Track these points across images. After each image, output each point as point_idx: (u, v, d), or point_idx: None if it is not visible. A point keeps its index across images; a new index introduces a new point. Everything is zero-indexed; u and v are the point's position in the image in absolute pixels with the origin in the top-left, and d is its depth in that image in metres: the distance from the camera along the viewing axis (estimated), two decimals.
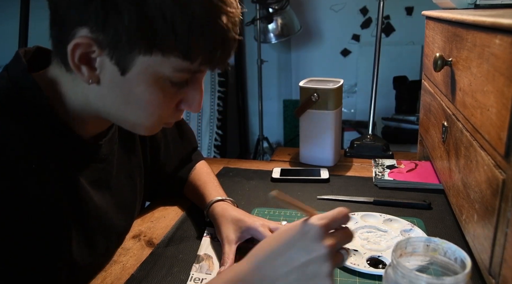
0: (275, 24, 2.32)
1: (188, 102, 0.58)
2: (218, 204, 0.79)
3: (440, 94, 0.85)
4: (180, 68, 0.52)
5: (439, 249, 0.47)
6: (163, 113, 0.57)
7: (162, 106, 0.56)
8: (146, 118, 0.57)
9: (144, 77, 0.52)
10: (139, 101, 0.54)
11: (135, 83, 0.52)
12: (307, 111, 1.08)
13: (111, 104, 0.56)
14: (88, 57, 0.51)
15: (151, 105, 0.55)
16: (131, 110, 0.56)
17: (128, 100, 0.54)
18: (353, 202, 0.90)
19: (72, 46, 0.50)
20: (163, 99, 0.55)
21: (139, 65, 0.51)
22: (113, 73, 0.52)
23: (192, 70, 0.54)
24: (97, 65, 0.52)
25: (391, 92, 2.40)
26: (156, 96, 0.54)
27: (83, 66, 0.51)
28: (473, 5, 0.84)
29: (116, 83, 0.53)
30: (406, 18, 2.46)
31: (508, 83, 0.47)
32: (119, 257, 0.72)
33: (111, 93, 0.54)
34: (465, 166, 0.65)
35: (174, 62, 0.51)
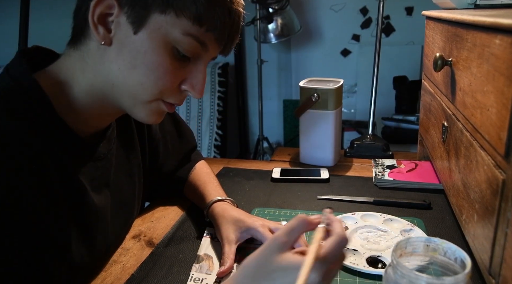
0: (275, 24, 2.32)
1: (191, 82, 0.60)
2: (218, 204, 0.79)
3: (440, 94, 0.85)
4: (189, 32, 0.55)
5: (439, 249, 0.47)
6: (166, 84, 0.57)
7: (166, 74, 0.57)
8: (150, 86, 0.57)
9: (155, 36, 0.55)
10: (146, 63, 0.56)
11: (145, 42, 0.55)
12: (307, 111, 1.08)
13: (117, 70, 0.57)
14: (105, 20, 0.55)
15: (157, 68, 0.56)
16: (137, 76, 0.56)
17: (135, 63, 0.56)
18: (353, 202, 0.90)
19: (96, 2, 0.53)
20: (168, 67, 0.56)
21: (152, 24, 0.54)
22: (126, 33, 0.55)
23: (200, 40, 0.56)
24: (112, 27, 0.55)
25: (391, 92, 2.40)
26: (163, 59, 0.56)
27: (100, 26, 0.54)
28: (473, 5, 0.84)
29: (127, 44, 0.55)
30: (406, 18, 2.46)
31: (508, 83, 0.47)
32: (119, 257, 0.72)
33: (120, 55, 0.56)
34: (465, 166, 0.65)
35: (184, 24, 0.54)
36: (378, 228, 0.78)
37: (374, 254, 0.69)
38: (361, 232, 0.77)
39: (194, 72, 0.60)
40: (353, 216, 0.82)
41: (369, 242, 0.73)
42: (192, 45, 0.56)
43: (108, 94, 0.60)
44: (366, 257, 0.69)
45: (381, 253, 0.69)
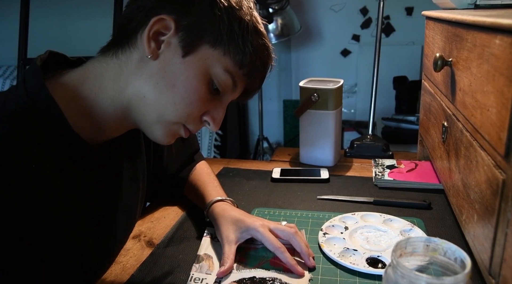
0: (275, 24, 2.32)
1: (213, 115, 0.64)
2: (218, 204, 0.79)
3: (440, 94, 0.85)
4: (229, 70, 0.60)
5: (439, 249, 0.47)
6: (195, 110, 0.61)
7: (199, 100, 0.60)
8: (180, 107, 0.60)
9: (199, 65, 0.59)
10: (185, 85, 0.59)
11: (190, 67, 0.58)
12: (307, 111, 1.08)
13: (154, 84, 0.59)
14: (158, 37, 0.58)
15: (192, 93, 0.59)
16: (172, 94, 0.59)
17: (174, 82, 0.59)
18: (353, 202, 0.90)
19: (157, 19, 0.56)
20: (202, 95, 0.60)
21: (201, 53, 0.58)
22: (174, 54, 0.58)
23: (235, 79, 0.62)
24: (162, 45, 0.58)
25: (391, 92, 2.40)
26: (200, 86, 0.59)
27: (152, 41, 0.57)
28: (473, 5, 0.84)
29: (172, 63, 0.58)
30: (406, 18, 2.46)
31: (508, 83, 0.47)
32: (119, 257, 0.72)
33: (161, 72, 0.58)
34: (465, 166, 0.65)
35: (227, 63, 0.60)
36: (378, 228, 0.78)
37: (374, 254, 0.69)
38: (361, 232, 0.77)
39: (218, 107, 0.64)
40: (353, 216, 0.82)
41: (369, 242, 0.73)
42: (227, 82, 0.61)
43: (134, 106, 0.61)
44: (366, 257, 0.69)
45: (381, 253, 0.69)
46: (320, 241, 0.74)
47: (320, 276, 0.66)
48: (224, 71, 0.60)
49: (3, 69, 2.80)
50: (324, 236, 0.76)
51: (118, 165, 0.68)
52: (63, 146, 0.56)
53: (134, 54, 0.59)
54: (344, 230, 0.77)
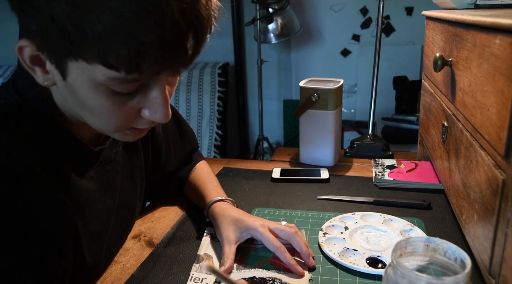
0: (275, 24, 2.32)
1: (149, 111, 0.52)
2: (218, 204, 0.79)
3: (440, 94, 0.85)
4: (112, 77, 0.46)
5: (439, 249, 0.47)
6: (120, 121, 0.52)
7: (114, 114, 0.51)
8: (104, 125, 0.53)
9: (82, 82, 0.48)
10: (90, 106, 0.50)
11: (77, 88, 0.49)
12: (307, 111, 1.08)
13: (73, 107, 0.53)
14: (40, 59, 0.49)
15: (101, 112, 0.50)
16: (89, 114, 0.52)
17: (82, 104, 0.51)
18: (353, 202, 0.90)
19: (17, 48, 0.48)
20: (112, 107, 0.50)
21: (74, 70, 0.47)
22: (58, 77, 0.49)
23: (129, 80, 0.47)
24: (47, 68, 0.49)
25: (391, 92, 2.40)
26: (102, 102, 0.49)
27: (36, 67, 0.49)
28: (473, 5, 0.84)
29: (66, 86, 0.50)
30: (406, 18, 2.46)
31: (508, 83, 0.47)
32: (119, 257, 0.72)
33: (68, 95, 0.51)
34: (465, 166, 0.65)
35: (101, 70, 0.45)
36: (378, 228, 0.78)
37: (374, 254, 0.69)
38: (361, 232, 0.77)
39: (147, 102, 0.52)
40: (353, 216, 0.82)
41: (369, 242, 0.73)
42: (126, 85, 0.48)
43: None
44: (366, 257, 0.69)
45: (381, 253, 0.69)
46: (320, 241, 0.74)
47: (320, 276, 0.66)
48: (109, 80, 0.46)
49: (3, 69, 2.80)
50: (324, 236, 0.75)
51: (113, 161, 0.68)
52: (54, 142, 0.56)
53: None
54: (344, 230, 0.77)
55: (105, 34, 0.42)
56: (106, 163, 0.66)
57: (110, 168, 0.67)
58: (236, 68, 2.74)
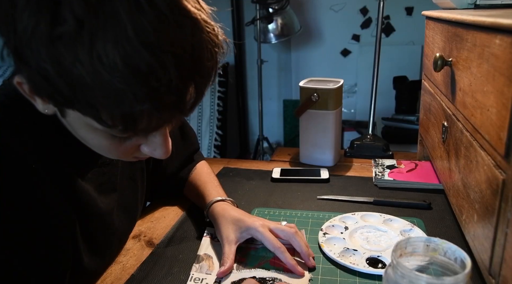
0: (275, 24, 2.32)
1: (148, 148, 0.52)
2: (218, 204, 0.79)
3: (440, 94, 0.85)
4: (106, 130, 0.45)
5: (439, 249, 0.47)
6: (120, 155, 0.52)
7: (114, 151, 0.51)
8: (106, 154, 0.53)
9: (80, 124, 0.47)
10: (89, 142, 0.51)
11: (76, 127, 0.49)
12: (307, 111, 1.08)
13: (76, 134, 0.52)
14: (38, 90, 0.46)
15: (100, 148, 0.51)
16: (88, 145, 0.52)
17: (80, 136, 0.51)
18: (353, 202, 0.90)
19: (16, 83, 0.45)
20: (111, 146, 0.50)
21: (71, 115, 0.46)
22: (58, 113, 0.48)
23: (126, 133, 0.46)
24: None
25: (391, 92, 2.40)
26: (100, 142, 0.49)
27: (36, 96, 0.46)
28: (473, 5, 0.84)
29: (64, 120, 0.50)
30: (406, 18, 2.46)
31: (508, 83, 0.47)
32: (119, 257, 0.72)
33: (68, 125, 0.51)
34: (465, 166, 0.65)
35: (95, 122, 0.43)
36: (378, 228, 0.78)
37: (374, 254, 0.69)
38: (361, 232, 0.77)
39: (147, 140, 0.51)
40: (353, 216, 0.82)
41: (369, 242, 0.73)
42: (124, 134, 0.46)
43: None
44: (366, 257, 0.69)
45: (381, 253, 0.69)
46: (320, 241, 0.74)
47: (320, 276, 0.66)
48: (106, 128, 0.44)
49: (3, 69, 2.80)
50: (324, 236, 0.75)
51: (113, 164, 0.68)
52: (54, 141, 0.56)
53: None
54: (344, 230, 0.77)
55: (97, 99, 0.40)
56: (104, 165, 0.65)
57: (108, 170, 0.66)
58: (236, 68, 2.75)
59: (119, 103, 0.40)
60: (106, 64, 0.38)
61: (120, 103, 0.40)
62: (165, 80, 0.40)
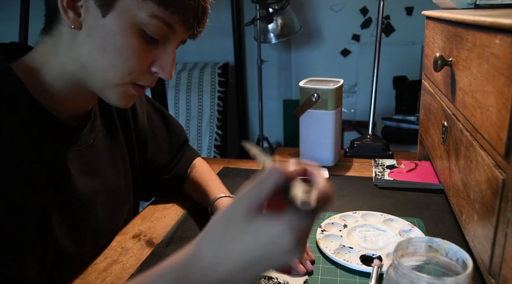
0: (275, 24, 2.32)
1: (161, 64, 0.61)
2: (223, 200, 0.79)
3: (440, 94, 0.85)
4: (156, 15, 0.56)
5: (440, 249, 0.47)
6: (136, 66, 0.59)
7: (135, 55, 0.58)
8: (120, 68, 0.58)
9: (123, 19, 0.56)
10: (115, 45, 0.57)
11: (114, 25, 0.56)
12: (307, 111, 1.08)
13: (87, 53, 0.58)
14: (75, 4, 0.56)
15: (126, 51, 0.57)
16: (107, 58, 0.57)
17: (105, 45, 0.57)
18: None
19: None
20: (137, 49, 0.57)
21: (120, 7, 0.55)
22: (95, 16, 0.56)
23: (167, 22, 0.57)
24: (82, 11, 0.56)
25: (391, 92, 2.40)
26: (131, 41, 0.57)
27: (69, 10, 0.56)
28: (473, 5, 0.84)
29: (96, 27, 0.56)
30: (406, 18, 2.46)
31: (508, 83, 0.47)
32: (119, 257, 0.72)
33: (90, 38, 0.57)
34: (465, 166, 0.65)
35: (150, 7, 0.55)
36: (377, 227, 0.78)
37: (369, 252, 0.70)
38: (360, 231, 0.77)
39: (163, 55, 0.61)
40: (354, 215, 0.82)
41: (366, 241, 0.74)
42: (159, 28, 0.57)
43: (80, 77, 0.61)
44: (360, 255, 0.69)
45: (376, 252, 0.69)
46: (317, 237, 0.74)
47: (320, 276, 0.66)
48: (150, 17, 0.56)
49: None
50: (322, 233, 0.76)
51: (92, 147, 0.68)
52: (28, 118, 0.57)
53: (63, 29, 0.59)
54: (343, 228, 0.77)
55: None
56: (85, 147, 0.66)
57: (88, 151, 0.67)
58: (236, 68, 2.74)
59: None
60: None
61: None
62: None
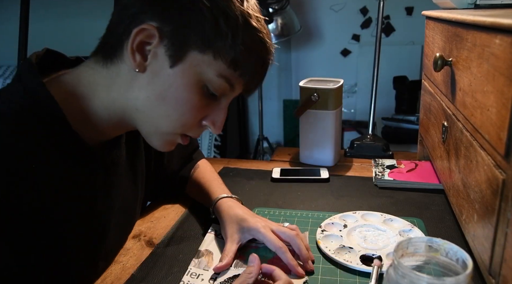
0: (275, 24, 2.32)
1: (213, 119, 0.62)
2: (224, 200, 0.79)
3: (440, 94, 0.85)
4: (223, 74, 0.56)
5: (440, 249, 0.47)
6: (190, 119, 0.59)
7: (193, 109, 0.58)
8: (174, 119, 0.58)
9: (189, 73, 0.56)
10: (176, 97, 0.57)
11: (179, 77, 0.56)
12: (307, 111, 1.08)
13: (145, 98, 0.57)
14: (143, 47, 0.55)
15: (185, 104, 0.57)
16: (163, 107, 0.57)
17: (165, 94, 0.56)
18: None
19: (138, 30, 0.54)
20: (196, 104, 0.58)
21: (189, 61, 0.55)
22: (162, 65, 0.55)
23: (231, 82, 0.58)
24: (149, 56, 0.56)
25: (391, 92, 2.40)
26: (192, 96, 0.57)
27: (137, 53, 0.55)
28: (473, 5, 0.84)
29: (161, 75, 0.56)
30: (406, 18, 2.46)
31: (508, 83, 0.47)
32: (119, 257, 0.72)
33: (151, 85, 0.57)
34: (465, 166, 0.65)
35: (220, 66, 0.56)
36: (377, 227, 0.78)
37: (369, 252, 0.70)
38: (360, 231, 0.77)
39: (217, 110, 0.61)
40: (354, 215, 0.82)
41: (366, 241, 0.74)
42: (223, 86, 0.58)
43: (129, 117, 0.60)
44: (360, 254, 0.69)
45: (376, 252, 0.69)
46: (317, 237, 0.74)
47: (320, 276, 0.66)
48: (217, 77, 0.57)
49: (3, 69, 2.80)
50: (322, 233, 0.76)
51: (117, 165, 0.68)
52: (63, 145, 0.56)
53: (123, 66, 0.57)
54: (343, 228, 0.77)
55: (248, 42, 0.55)
56: (109, 167, 0.65)
57: (113, 171, 0.66)
58: None
59: (258, 55, 0.58)
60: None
61: (259, 55, 0.58)
62: (262, 51, 0.59)
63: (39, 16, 2.15)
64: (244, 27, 0.55)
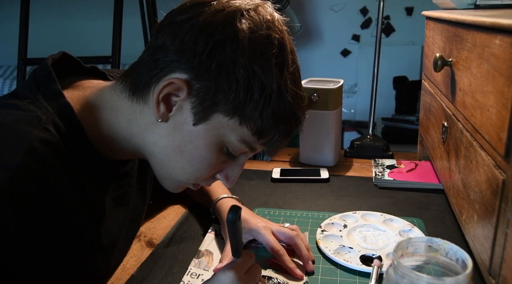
0: None
1: (226, 174, 0.60)
2: (225, 200, 0.79)
3: (440, 94, 0.85)
4: (245, 140, 0.55)
5: (440, 249, 0.47)
6: (204, 174, 0.58)
7: (209, 167, 0.57)
8: (188, 172, 0.57)
9: (212, 134, 0.54)
10: (193, 153, 0.55)
11: (200, 136, 0.54)
12: (307, 111, 1.08)
13: (163, 147, 0.56)
14: (169, 98, 0.53)
15: (202, 162, 0.56)
16: (180, 160, 0.56)
17: (183, 149, 0.55)
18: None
19: (167, 82, 0.51)
20: (213, 162, 0.56)
21: (214, 122, 0.53)
22: (186, 120, 0.53)
23: (252, 146, 0.56)
24: (174, 108, 0.53)
25: (391, 92, 2.40)
26: (211, 155, 0.55)
27: (162, 103, 0.53)
28: (473, 5, 0.84)
29: (182, 129, 0.54)
30: (406, 18, 2.46)
31: (508, 83, 0.47)
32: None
33: (171, 136, 0.55)
34: (465, 166, 0.65)
35: (244, 132, 0.54)
36: (377, 227, 0.78)
37: (369, 252, 0.70)
38: (360, 231, 0.77)
39: (233, 166, 0.60)
40: (354, 215, 0.82)
41: (366, 241, 0.74)
42: (243, 149, 0.57)
43: (144, 154, 0.59)
44: (360, 255, 0.69)
45: (376, 252, 0.70)
46: (317, 238, 0.74)
47: (320, 276, 0.66)
48: (239, 141, 0.55)
49: (3, 69, 2.80)
50: (322, 233, 0.76)
51: (131, 177, 0.67)
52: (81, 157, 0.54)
53: (146, 108, 0.55)
54: (343, 228, 0.77)
55: (278, 114, 0.53)
56: (122, 179, 0.64)
57: (125, 182, 0.66)
58: None
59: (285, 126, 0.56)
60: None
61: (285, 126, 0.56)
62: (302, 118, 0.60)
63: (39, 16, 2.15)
64: (277, 99, 0.52)
